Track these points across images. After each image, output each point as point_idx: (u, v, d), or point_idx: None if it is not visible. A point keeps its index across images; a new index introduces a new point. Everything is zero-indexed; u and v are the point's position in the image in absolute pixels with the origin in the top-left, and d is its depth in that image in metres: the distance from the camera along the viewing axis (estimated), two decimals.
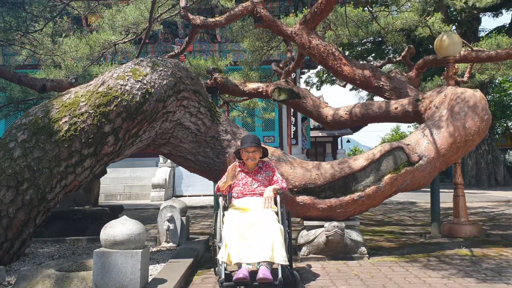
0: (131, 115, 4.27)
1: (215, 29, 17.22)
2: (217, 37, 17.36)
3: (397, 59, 8.66)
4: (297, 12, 11.20)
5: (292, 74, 16.69)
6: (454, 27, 21.30)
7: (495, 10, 22.91)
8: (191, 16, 7.21)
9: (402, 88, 6.97)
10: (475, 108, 5.20)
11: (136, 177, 15.53)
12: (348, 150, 37.49)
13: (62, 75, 7.29)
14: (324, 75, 29.33)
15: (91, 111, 4.15)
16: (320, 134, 28.82)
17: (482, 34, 22.38)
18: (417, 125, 34.06)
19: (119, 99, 4.22)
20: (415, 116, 6.07)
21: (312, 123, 26.99)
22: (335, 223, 4.73)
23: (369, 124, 32.39)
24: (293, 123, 17.92)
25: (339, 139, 31.35)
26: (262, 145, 4.50)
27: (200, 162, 5.25)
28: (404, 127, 59.34)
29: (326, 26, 9.87)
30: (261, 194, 3.97)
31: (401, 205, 12.12)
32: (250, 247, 3.51)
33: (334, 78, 29.19)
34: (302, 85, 25.66)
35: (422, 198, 12.51)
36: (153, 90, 4.45)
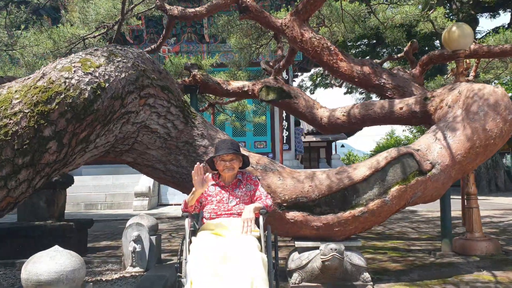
0: (78, 115, 3.43)
1: (202, 29, 16.42)
2: (205, 37, 16.54)
3: (399, 55, 7.88)
4: (289, 6, 10.41)
5: (285, 76, 15.92)
6: None
7: (492, 11, 22.35)
8: (167, 7, 6.40)
9: (406, 86, 6.19)
10: (496, 107, 4.41)
11: (119, 184, 14.63)
12: (342, 155, 36.71)
13: (22, 73, 6.43)
14: (318, 79, 28.63)
15: (26, 111, 3.30)
16: (314, 139, 28.03)
17: (478, 36, 21.74)
18: (412, 129, 33.20)
19: (63, 96, 3.38)
20: (423, 117, 5.27)
21: (306, 127, 26.20)
22: (332, 245, 3.89)
23: (364, 128, 31.71)
24: (285, 127, 17.09)
25: (333, 144, 30.57)
26: (243, 151, 3.67)
27: (171, 172, 4.40)
28: (399, 131, 58.52)
29: (321, 22, 9.11)
30: (239, 214, 3.14)
31: (401, 214, 11.32)
32: (223, 285, 2.67)
33: (328, 82, 28.45)
34: None
35: (423, 206, 11.71)
36: (107, 84, 3.61)
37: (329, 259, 3.88)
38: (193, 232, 3.20)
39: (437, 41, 21.67)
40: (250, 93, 5.99)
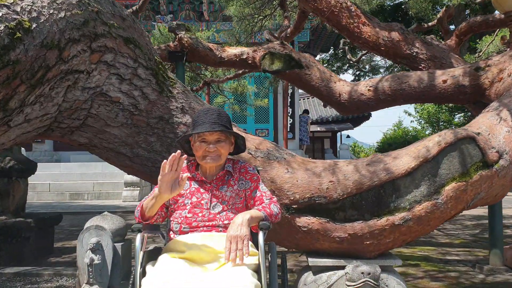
0: None
1: (202, 6, 15.11)
2: (204, 15, 15.27)
3: (430, 24, 6.64)
4: None
5: None
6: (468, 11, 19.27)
7: None
8: None
9: (444, 57, 5.00)
10: None
11: (108, 173, 13.44)
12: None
13: None
14: (324, 65, 27.29)
15: None
16: (318, 129, 26.79)
17: None
18: (420, 120, 31.95)
19: None
20: (473, 92, 4.09)
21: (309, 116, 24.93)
22: (364, 268, 2.72)
23: (370, 119, 30.24)
24: (289, 114, 15.87)
25: (338, 134, 29.30)
26: (236, 129, 2.49)
27: (140, 158, 3.22)
28: (407, 121, 56.84)
29: None
30: (227, 227, 1.95)
31: None
32: None
33: (334, 69, 27.10)
34: None
35: None
36: (34, 25, 2.41)
37: (359, 287, 2.71)
38: (153, 254, 2.03)
39: (452, 26, 20.31)
40: (250, 61, 4.79)
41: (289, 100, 15.79)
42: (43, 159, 15.07)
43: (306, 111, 18.01)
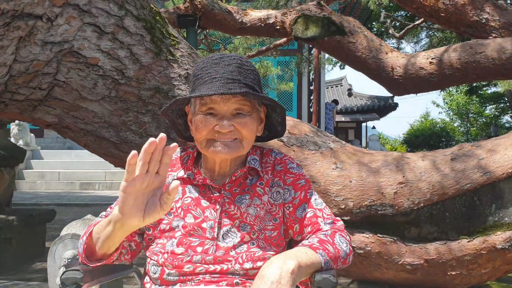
0: None
1: None
2: None
3: None
4: None
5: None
6: None
7: None
8: None
9: None
10: None
11: None
12: None
13: None
14: None
15: None
16: (342, 119, 25.67)
17: None
18: (449, 111, 30.44)
19: None
20: None
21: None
22: None
23: (398, 105, 28.94)
24: (312, 102, 14.85)
25: (363, 124, 28.09)
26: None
27: (130, 145, 2.35)
28: (435, 112, 55.16)
29: None
30: (250, 278, 1.05)
31: None
32: None
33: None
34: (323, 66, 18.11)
35: None
36: None
37: None
38: None
39: None
40: (278, 27, 3.87)
41: (312, 86, 14.77)
42: (55, 146, 14.46)
43: (335, 101, 16.98)
